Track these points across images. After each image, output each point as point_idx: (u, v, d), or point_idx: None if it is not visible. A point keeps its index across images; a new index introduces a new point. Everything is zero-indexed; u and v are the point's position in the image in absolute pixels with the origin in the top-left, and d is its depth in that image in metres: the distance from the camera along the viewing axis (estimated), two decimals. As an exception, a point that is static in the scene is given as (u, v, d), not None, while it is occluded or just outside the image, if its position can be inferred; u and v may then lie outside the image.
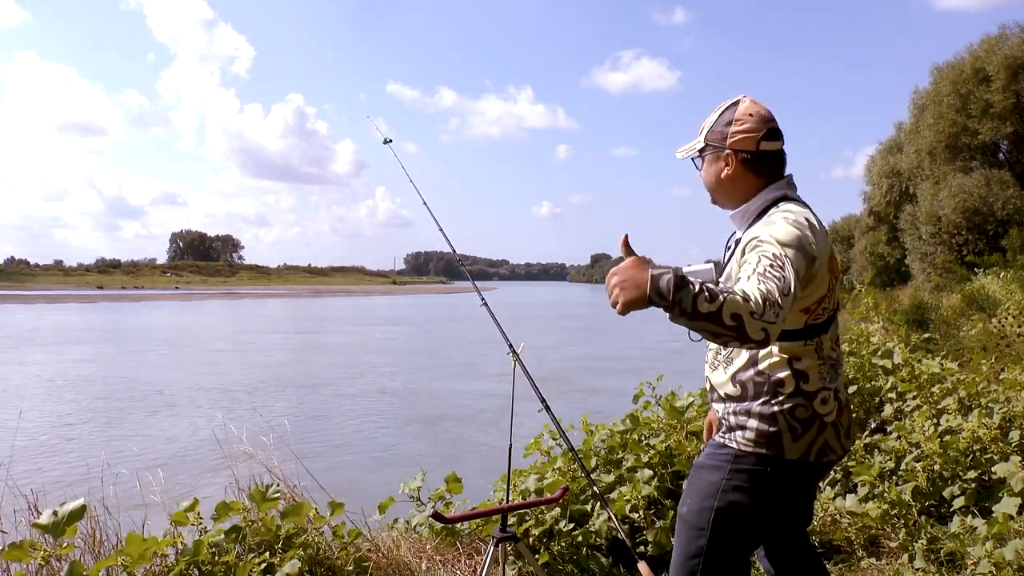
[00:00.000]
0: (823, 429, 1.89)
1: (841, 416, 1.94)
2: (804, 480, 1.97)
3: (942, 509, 3.77)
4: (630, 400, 4.67)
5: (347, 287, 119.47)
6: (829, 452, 1.92)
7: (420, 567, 3.39)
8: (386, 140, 3.71)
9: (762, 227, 1.84)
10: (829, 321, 1.91)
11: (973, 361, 5.88)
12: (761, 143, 1.94)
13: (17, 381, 16.21)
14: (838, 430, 1.93)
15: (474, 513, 2.79)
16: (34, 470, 8.78)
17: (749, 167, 1.96)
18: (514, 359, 2.71)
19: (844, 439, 1.96)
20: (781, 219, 1.83)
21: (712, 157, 2.01)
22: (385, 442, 11.25)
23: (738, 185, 1.98)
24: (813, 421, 1.88)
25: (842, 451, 1.96)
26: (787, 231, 1.78)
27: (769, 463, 1.89)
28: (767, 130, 1.95)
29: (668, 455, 4.02)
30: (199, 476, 8.24)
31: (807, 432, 1.87)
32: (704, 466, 2.00)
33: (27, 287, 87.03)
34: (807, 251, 1.77)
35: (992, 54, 26.12)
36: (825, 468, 1.99)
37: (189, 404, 13.87)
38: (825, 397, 1.90)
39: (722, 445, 1.97)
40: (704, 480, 1.98)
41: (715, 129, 1.99)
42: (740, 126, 1.95)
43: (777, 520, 2.03)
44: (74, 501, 2.72)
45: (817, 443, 1.89)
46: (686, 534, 2.00)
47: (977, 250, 24.65)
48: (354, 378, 18.01)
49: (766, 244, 1.74)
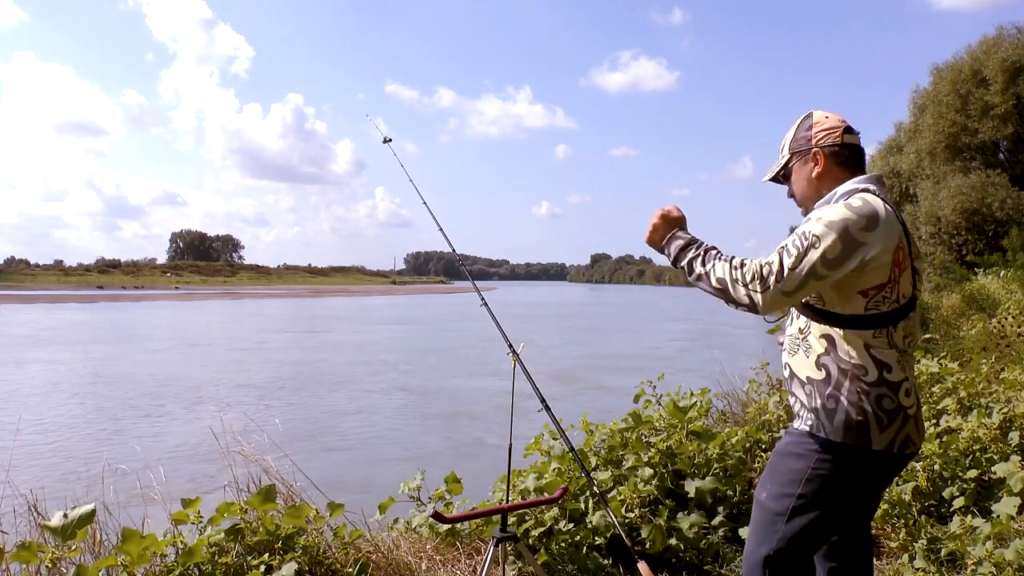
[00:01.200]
0: (907, 421, 1.90)
1: (919, 410, 1.96)
2: (887, 472, 1.98)
3: (942, 509, 3.77)
4: (666, 393, 4.69)
5: (347, 287, 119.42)
6: (911, 444, 1.93)
7: (420, 567, 3.38)
8: (386, 139, 3.71)
9: (822, 206, 1.96)
10: (897, 314, 1.91)
11: (973, 361, 5.88)
12: (845, 136, 2.05)
13: (18, 381, 16.21)
14: (918, 423, 1.95)
15: (474, 513, 2.79)
16: (35, 470, 8.77)
17: (836, 161, 2.04)
18: (514, 359, 2.71)
19: (922, 434, 1.99)
20: (842, 203, 1.89)
21: (800, 164, 2.10)
22: (408, 439, 11.36)
23: (826, 181, 2.05)
24: (898, 412, 1.89)
25: (919, 444, 1.98)
26: (837, 213, 1.85)
27: (856, 454, 1.89)
28: (847, 126, 2.07)
29: (669, 454, 4.02)
30: (200, 476, 8.24)
31: (893, 423, 1.89)
32: (788, 453, 2.01)
33: (27, 287, 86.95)
34: (849, 237, 1.82)
35: (990, 56, 26.15)
36: (906, 461, 1.99)
37: (213, 402, 14.01)
38: (908, 389, 1.92)
39: (808, 434, 1.97)
40: (788, 467, 1.99)
41: (797, 138, 2.11)
42: (821, 127, 2.07)
43: (855, 512, 2.04)
44: (85, 505, 2.72)
45: (901, 435, 1.90)
46: (763, 520, 2.02)
47: (977, 250, 24.68)
48: (378, 374, 18.28)
49: (811, 222, 1.86)
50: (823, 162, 2.04)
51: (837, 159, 2.04)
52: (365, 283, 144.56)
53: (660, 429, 4.33)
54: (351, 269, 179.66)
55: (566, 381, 16.68)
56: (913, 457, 2.03)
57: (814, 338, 1.97)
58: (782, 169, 2.15)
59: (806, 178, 2.08)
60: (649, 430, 4.34)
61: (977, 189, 25.25)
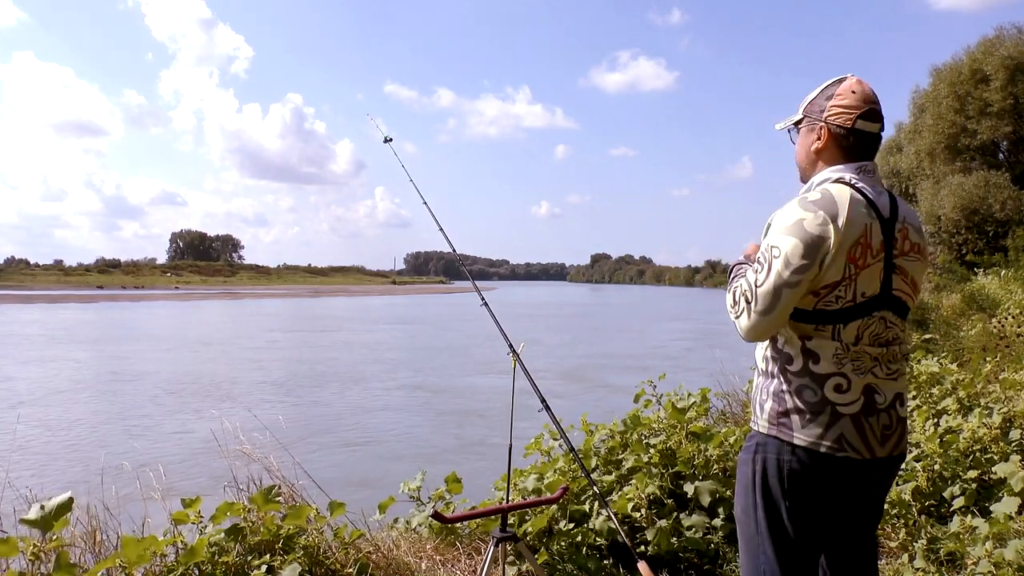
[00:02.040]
0: (837, 418, 1.79)
1: (871, 416, 1.81)
2: (830, 476, 1.82)
3: (942, 509, 3.77)
4: (675, 391, 4.69)
5: (347, 287, 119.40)
6: (847, 448, 1.79)
7: (420, 567, 3.38)
8: (386, 139, 3.72)
9: (779, 210, 1.88)
10: (848, 313, 1.80)
11: (973, 361, 5.88)
12: (858, 121, 1.89)
13: (18, 381, 16.20)
14: (862, 427, 1.80)
15: (474, 513, 2.79)
16: (35, 469, 8.78)
17: (840, 144, 1.91)
18: (514, 359, 2.71)
19: (875, 442, 1.82)
20: (797, 201, 1.83)
21: (807, 129, 1.98)
22: (422, 437, 11.47)
23: (824, 159, 1.94)
24: (823, 407, 1.79)
25: (869, 453, 1.81)
26: (791, 215, 1.80)
27: (784, 450, 1.82)
28: (867, 110, 1.89)
29: (669, 455, 4.02)
30: (201, 477, 8.24)
31: (817, 418, 1.79)
32: (740, 461, 1.96)
33: (27, 287, 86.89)
34: (807, 234, 1.76)
35: (990, 55, 26.16)
36: (856, 468, 1.82)
37: (238, 399, 14.25)
38: (840, 384, 1.79)
39: (751, 434, 1.93)
40: (741, 474, 1.93)
41: (815, 101, 1.97)
42: (840, 100, 1.91)
43: (824, 521, 1.89)
44: (60, 495, 2.71)
45: (831, 433, 1.78)
46: (743, 536, 1.94)
47: (977, 250, 24.67)
48: (391, 372, 18.60)
49: (770, 232, 1.84)
50: (825, 139, 1.93)
51: (840, 142, 1.91)
52: (365, 283, 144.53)
53: (659, 430, 4.33)
54: (351, 269, 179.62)
55: (574, 380, 16.89)
56: (876, 464, 1.84)
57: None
58: (791, 130, 2.05)
59: (806, 147, 1.99)
60: (648, 431, 4.35)
61: (978, 188, 25.26)
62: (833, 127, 1.91)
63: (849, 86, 1.92)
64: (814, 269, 1.76)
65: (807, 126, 1.98)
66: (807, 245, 1.75)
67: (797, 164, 2.04)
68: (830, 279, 1.78)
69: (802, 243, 1.75)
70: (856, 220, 1.78)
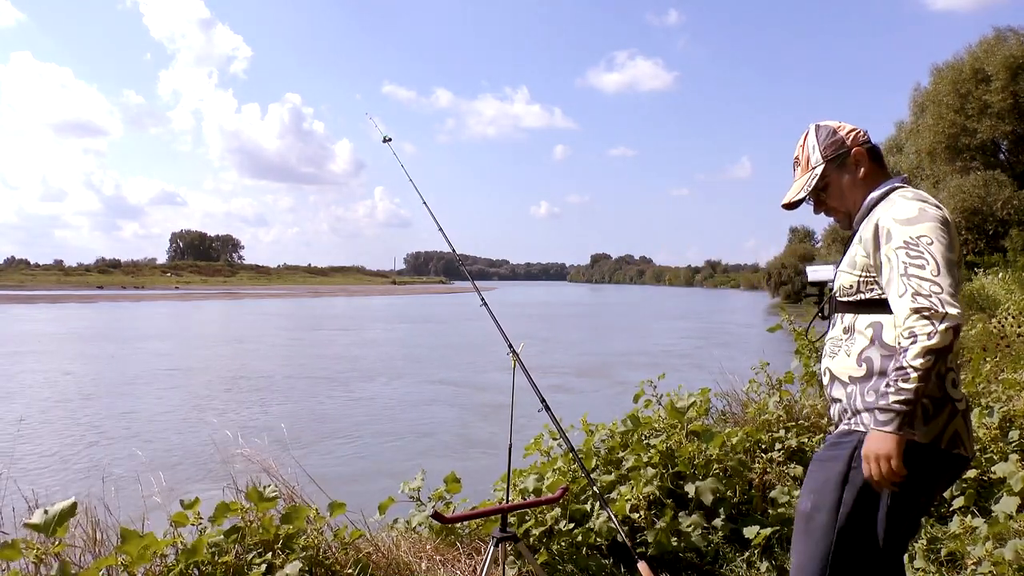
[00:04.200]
0: (954, 415, 1.77)
1: (969, 412, 1.83)
2: (936, 473, 1.79)
3: (942, 509, 3.77)
4: (675, 391, 4.69)
5: (347, 287, 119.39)
6: (960, 444, 1.78)
7: (420, 567, 3.38)
8: (385, 138, 3.72)
9: (882, 209, 1.83)
10: None
11: (973, 361, 5.88)
12: (866, 134, 1.97)
13: (19, 381, 16.19)
14: (967, 424, 1.81)
15: (474, 513, 2.79)
16: (35, 470, 8.78)
17: (872, 157, 1.95)
18: (514, 359, 2.71)
19: (968, 439, 1.82)
20: (899, 197, 1.82)
21: (838, 169, 1.96)
22: (458, 430, 11.67)
23: (870, 181, 1.94)
24: (945, 403, 1.76)
25: (969, 451, 1.81)
26: (908, 208, 1.78)
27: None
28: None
29: (669, 455, 4.02)
30: (202, 477, 8.23)
31: (939, 414, 1.76)
32: (825, 458, 1.86)
33: (27, 287, 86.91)
34: (936, 216, 1.76)
35: (991, 55, 26.17)
36: (955, 463, 1.81)
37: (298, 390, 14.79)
38: (955, 380, 1.79)
39: (847, 432, 1.84)
40: (826, 472, 1.84)
41: (825, 145, 1.97)
42: (845, 130, 1.97)
43: (912, 519, 1.84)
44: (65, 500, 2.72)
45: (949, 430, 1.76)
46: (808, 534, 1.84)
47: (977, 250, 24.68)
48: (423, 368, 19.13)
49: (897, 229, 1.75)
50: (864, 160, 1.93)
51: (873, 155, 1.95)
52: (365, 283, 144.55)
53: (660, 430, 4.33)
54: (351, 269, 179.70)
55: (594, 376, 17.30)
56: (965, 461, 1.83)
57: (859, 332, 1.85)
58: (820, 181, 1.97)
59: (850, 183, 1.94)
60: (648, 431, 4.34)
61: (979, 188, 25.27)
62: (864, 146, 1.95)
63: (829, 122, 2.00)
64: (956, 247, 1.75)
65: (836, 167, 1.96)
66: (944, 225, 1.76)
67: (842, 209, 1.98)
68: None
69: (939, 224, 1.75)
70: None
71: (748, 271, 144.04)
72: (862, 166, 1.93)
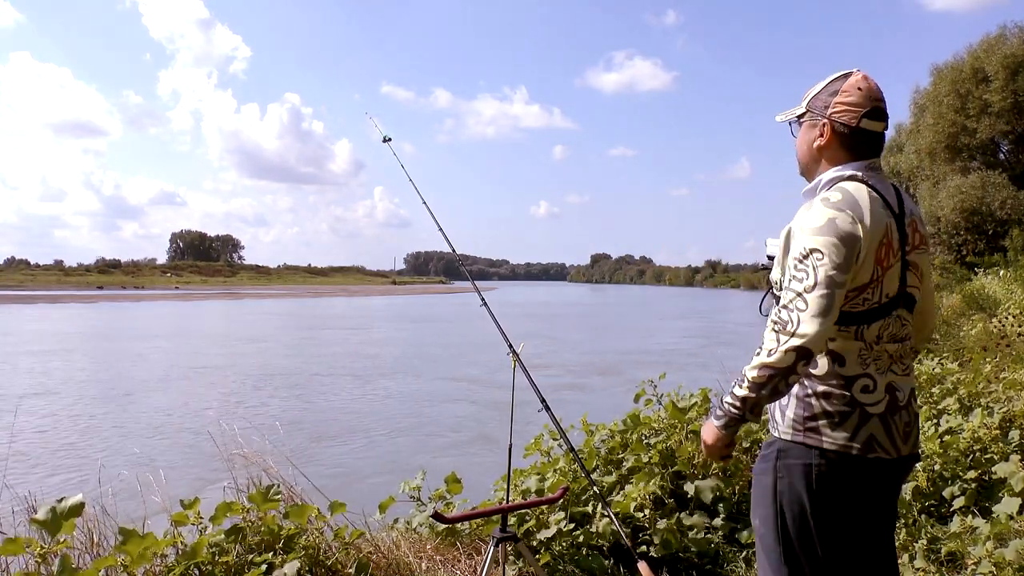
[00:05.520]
0: (866, 419, 1.76)
1: (895, 414, 1.79)
2: (853, 479, 1.79)
3: (942, 509, 3.77)
4: (675, 391, 4.69)
5: (347, 287, 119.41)
6: (877, 448, 1.76)
7: (420, 567, 3.38)
8: (385, 138, 3.73)
9: (801, 211, 1.82)
10: (872, 314, 1.78)
11: (973, 361, 5.88)
12: (863, 120, 1.84)
13: (18, 381, 16.19)
14: (889, 426, 1.78)
15: (474, 513, 2.79)
16: (35, 470, 8.77)
17: (843, 142, 1.86)
18: (514, 359, 2.71)
19: (899, 440, 1.80)
20: (820, 202, 1.77)
21: (809, 124, 1.92)
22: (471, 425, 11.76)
23: (827, 158, 1.88)
24: (852, 409, 1.75)
25: (896, 452, 1.80)
26: (820, 216, 1.73)
27: (811, 455, 1.76)
28: (872, 108, 1.84)
29: (669, 455, 4.02)
30: (203, 477, 8.23)
31: (845, 421, 1.75)
32: (758, 471, 1.89)
33: (27, 287, 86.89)
34: (843, 232, 1.69)
35: (991, 54, 26.18)
36: (875, 468, 1.79)
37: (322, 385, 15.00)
38: (867, 385, 1.77)
39: (770, 441, 1.87)
40: (760, 486, 1.87)
41: (819, 96, 1.90)
42: (845, 97, 1.85)
43: (852, 525, 1.83)
44: (72, 497, 2.72)
45: (861, 434, 1.75)
46: (763, 550, 1.87)
47: (977, 250, 24.70)
48: (442, 365, 19.40)
49: (800, 236, 1.75)
50: (828, 137, 1.87)
51: (844, 140, 1.85)
52: (365, 283, 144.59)
53: (660, 430, 4.33)
54: (351, 269, 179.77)
55: (598, 375, 17.52)
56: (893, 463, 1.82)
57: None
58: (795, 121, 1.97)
59: (808, 143, 1.92)
60: (649, 431, 4.34)
61: (977, 189, 25.28)
62: (837, 125, 1.85)
63: (855, 82, 1.85)
64: (853, 268, 1.71)
65: (809, 121, 1.91)
66: (845, 243, 1.69)
67: (798, 158, 1.98)
68: (860, 281, 1.75)
69: (840, 241, 1.69)
70: (879, 220, 1.75)
71: (748, 271, 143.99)
72: (823, 139, 1.88)
